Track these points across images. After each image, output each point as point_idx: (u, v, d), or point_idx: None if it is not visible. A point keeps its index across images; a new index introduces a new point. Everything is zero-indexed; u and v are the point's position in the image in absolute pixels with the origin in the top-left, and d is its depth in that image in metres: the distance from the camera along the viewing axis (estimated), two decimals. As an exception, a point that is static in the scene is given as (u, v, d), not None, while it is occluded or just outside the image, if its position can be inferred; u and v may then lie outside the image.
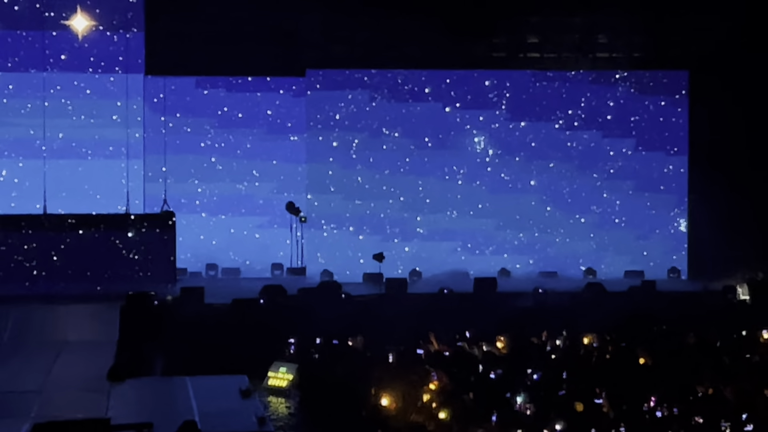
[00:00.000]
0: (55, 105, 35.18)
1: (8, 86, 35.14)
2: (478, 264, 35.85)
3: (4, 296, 30.79)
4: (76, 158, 35.14)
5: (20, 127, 35.02)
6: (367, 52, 36.00)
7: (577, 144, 37.18)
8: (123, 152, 35.42)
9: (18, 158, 34.95)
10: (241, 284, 33.49)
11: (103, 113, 35.36)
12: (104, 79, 35.56)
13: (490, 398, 21.24)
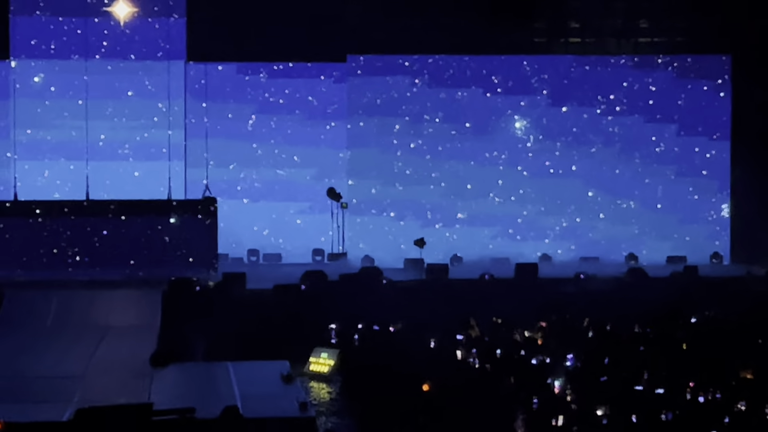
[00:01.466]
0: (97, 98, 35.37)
1: (50, 88, 35.32)
2: (519, 249, 35.81)
3: (48, 281, 31.03)
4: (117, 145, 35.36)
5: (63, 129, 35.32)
6: (408, 37, 35.94)
7: (619, 129, 37.08)
8: (165, 139, 35.59)
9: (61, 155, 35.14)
10: (283, 270, 33.56)
11: (144, 101, 35.52)
12: (146, 66, 35.70)
13: (530, 383, 21.26)
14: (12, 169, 35.17)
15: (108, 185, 34.88)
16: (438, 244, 35.55)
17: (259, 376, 23.33)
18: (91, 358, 25.15)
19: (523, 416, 19.21)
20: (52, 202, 33.42)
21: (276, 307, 28.77)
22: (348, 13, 35.13)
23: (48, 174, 34.97)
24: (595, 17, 37.41)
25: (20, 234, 32.55)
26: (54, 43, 35.44)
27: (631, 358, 23.52)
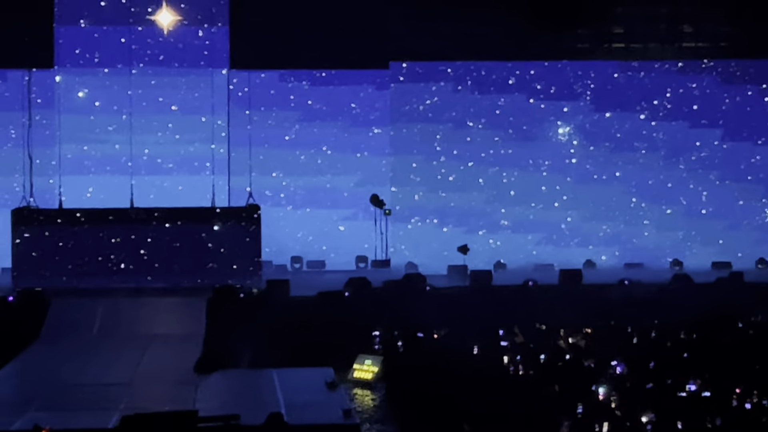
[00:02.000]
0: (141, 112, 35.59)
1: (94, 103, 35.52)
2: (563, 256, 35.77)
3: (93, 289, 31.19)
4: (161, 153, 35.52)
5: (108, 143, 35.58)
6: (450, 43, 35.97)
7: (663, 134, 37.00)
8: (208, 146, 35.74)
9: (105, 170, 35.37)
10: (326, 277, 33.64)
11: (188, 115, 35.72)
12: (189, 80, 35.88)
13: (575, 390, 21.22)
14: (57, 178, 35.37)
15: (152, 199, 34.96)
16: (481, 250, 35.56)
17: (303, 383, 23.39)
18: (136, 366, 25.29)
19: (567, 423, 19.18)
20: (96, 210, 33.59)
21: (320, 313, 28.80)
22: (390, 20, 35.21)
23: (92, 190, 34.97)
24: (638, 23, 37.32)
25: (65, 242, 32.74)
26: (98, 52, 35.66)
27: (676, 364, 23.47)
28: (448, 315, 28.05)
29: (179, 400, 21.70)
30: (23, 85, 35.71)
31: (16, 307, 29.58)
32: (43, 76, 35.73)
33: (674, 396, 20.95)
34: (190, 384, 23.59)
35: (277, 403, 21.45)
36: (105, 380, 23.97)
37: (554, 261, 35.32)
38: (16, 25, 34.81)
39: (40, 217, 33.22)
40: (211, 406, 20.92)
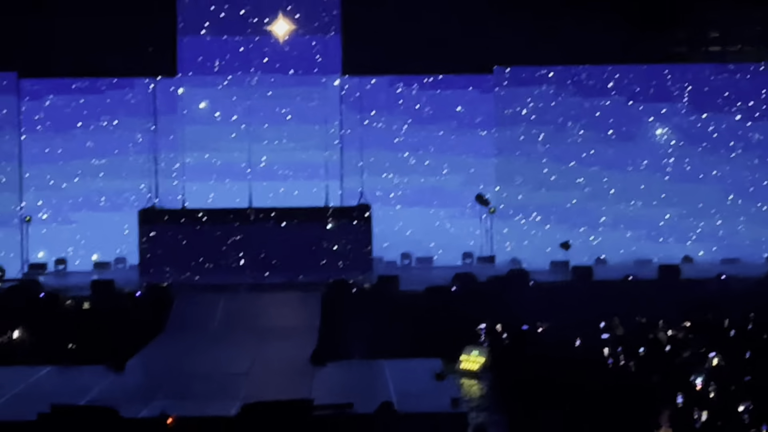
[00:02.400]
0: (259, 122, 35.86)
1: (215, 114, 35.85)
2: (661, 251, 35.47)
3: (214, 285, 31.47)
4: (278, 160, 35.77)
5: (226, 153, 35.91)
6: (551, 48, 35.81)
7: (759, 135, 36.57)
8: (322, 149, 35.93)
9: (225, 176, 35.73)
10: (434, 272, 33.64)
11: (302, 125, 35.97)
12: (303, 91, 36.09)
13: (674, 381, 21.08)
14: (180, 181, 35.78)
15: (269, 202, 35.24)
16: (582, 246, 35.38)
17: (412, 374, 23.43)
18: (255, 357, 25.47)
19: (666, 412, 19.07)
20: (217, 210, 33.92)
21: (428, 307, 28.85)
22: (494, 27, 35.12)
23: (213, 195, 35.28)
24: (733, 26, 36.98)
25: (188, 240, 33.10)
26: (218, 60, 36.01)
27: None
28: (551, 308, 27.94)
29: (296, 390, 21.83)
30: (148, 93, 36.15)
31: (143, 302, 29.93)
32: (167, 83, 36.14)
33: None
34: (306, 374, 23.73)
35: (388, 392, 21.51)
36: (226, 370, 24.18)
37: (653, 256, 35.03)
38: (141, 35, 35.25)
39: (164, 217, 33.62)
40: (325, 395, 21.02)
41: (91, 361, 24.92)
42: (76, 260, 35.54)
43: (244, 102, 35.94)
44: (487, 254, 36.00)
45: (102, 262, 35.42)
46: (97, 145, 36.10)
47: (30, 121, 36.00)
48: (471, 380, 24.47)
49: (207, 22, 35.93)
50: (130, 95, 36.17)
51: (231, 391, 21.88)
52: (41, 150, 36.00)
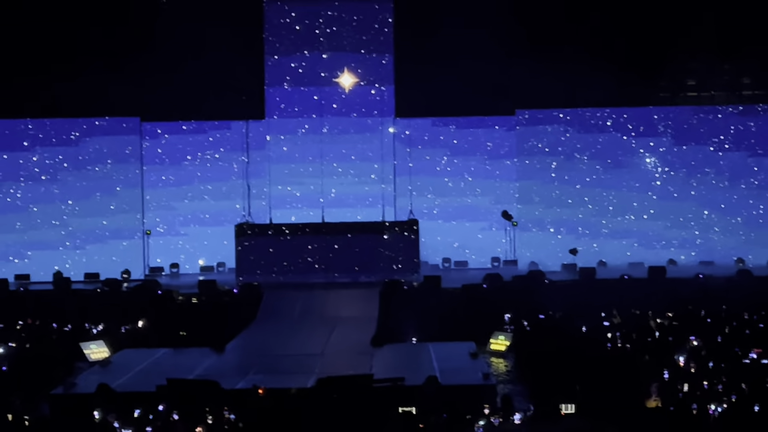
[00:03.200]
0: (330, 161, 35.90)
1: (294, 154, 35.89)
2: (651, 256, 35.12)
3: (295, 284, 31.53)
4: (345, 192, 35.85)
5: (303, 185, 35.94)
6: (562, 94, 35.72)
7: (727, 162, 36.22)
8: (379, 186, 35.92)
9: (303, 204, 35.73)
10: (469, 273, 33.53)
11: (364, 163, 36.01)
12: (364, 122, 36.13)
13: (661, 359, 20.90)
14: (267, 201, 35.89)
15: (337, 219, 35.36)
16: (587, 252, 35.11)
17: (452, 354, 23.40)
18: (327, 341, 25.54)
19: (656, 385, 18.91)
20: (297, 224, 33.95)
21: (464, 301, 28.81)
22: (516, 78, 35.02)
23: (294, 218, 35.26)
24: (708, 76, 36.72)
25: (274, 248, 33.11)
26: (297, 107, 36.09)
27: (740, 338, 23.00)
28: (562, 302, 27.85)
29: (359, 366, 21.86)
30: (242, 132, 36.28)
31: (239, 297, 30.06)
32: (257, 125, 36.26)
33: (739, 362, 20.52)
34: (367, 354, 23.77)
35: (432, 368, 21.49)
36: (304, 352, 24.27)
37: (644, 260, 34.72)
38: (237, 87, 35.46)
39: (255, 230, 33.62)
40: (382, 370, 21.05)
41: (198, 344, 25.08)
42: (186, 265, 35.68)
43: (317, 145, 35.97)
44: (511, 258, 35.82)
45: (206, 266, 35.59)
46: (202, 174, 36.25)
47: (150, 156, 36.21)
48: (498, 359, 24.42)
49: (288, 76, 36.03)
50: (228, 134, 36.30)
51: (308, 368, 21.95)
52: (158, 178, 36.20)
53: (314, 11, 35.86)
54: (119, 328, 27.23)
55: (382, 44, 35.96)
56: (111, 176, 35.94)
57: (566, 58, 34.19)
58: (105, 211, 35.85)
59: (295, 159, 35.94)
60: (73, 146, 35.93)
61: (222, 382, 19.72)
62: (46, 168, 35.88)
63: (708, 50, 35.30)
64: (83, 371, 22.69)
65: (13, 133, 35.85)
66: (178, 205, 36.13)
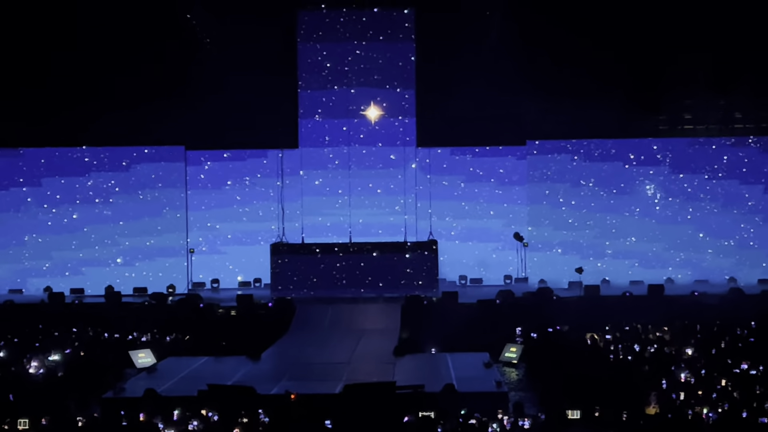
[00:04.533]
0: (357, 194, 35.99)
1: (326, 188, 35.94)
2: (650, 275, 35.01)
3: (325, 298, 31.55)
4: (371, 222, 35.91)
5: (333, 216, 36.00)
6: (569, 126, 35.74)
7: (721, 189, 36.09)
8: (402, 199, 35.97)
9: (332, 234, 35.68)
10: (483, 290, 33.47)
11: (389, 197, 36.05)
12: (388, 152, 36.19)
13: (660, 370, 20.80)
14: (300, 223, 35.93)
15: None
16: (592, 271, 34.97)
17: (467, 363, 23.35)
18: (353, 351, 25.51)
19: (655, 393, 18.83)
20: (327, 243, 34.04)
21: (479, 315, 28.75)
22: (527, 112, 35.11)
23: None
24: (703, 111, 36.66)
25: (306, 266, 33.21)
26: (328, 137, 36.21)
27: (732, 351, 22.87)
28: (569, 316, 27.77)
29: (383, 374, 21.86)
30: (278, 159, 36.40)
31: (273, 310, 30.09)
32: (291, 153, 36.38)
33: (731, 373, 20.41)
34: (390, 363, 23.72)
35: (450, 376, 21.45)
36: (333, 360, 24.24)
37: (644, 279, 34.61)
38: (273, 119, 35.64)
39: (289, 249, 33.75)
40: (404, 378, 20.99)
41: (236, 353, 25.11)
42: (226, 280, 35.78)
43: (346, 179, 36.03)
44: (522, 276, 35.77)
45: (244, 281, 35.66)
46: (241, 198, 36.38)
47: (193, 181, 36.37)
48: (510, 368, 24.34)
49: (320, 109, 36.16)
50: (264, 161, 36.42)
51: (336, 375, 21.93)
52: (201, 201, 36.35)
53: (343, 50, 36.02)
54: (165, 337, 27.32)
55: (404, 80, 36.06)
56: (158, 200, 36.13)
57: (573, 93, 34.22)
58: (152, 231, 36.03)
59: (326, 192, 36.00)
60: (124, 172, 36.16)
61: (257, 387, 19.75)
62: (99, 192, 36.12)
63: (704, 87, 35.26)
64: (131, 377, 22.76)
65: (70, 160, 36.12)
66: (219, 226, 36.27)
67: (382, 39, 35.91)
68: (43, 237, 35.89)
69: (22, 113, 34.83)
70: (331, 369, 22.88)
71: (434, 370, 22.61)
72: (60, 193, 36.05)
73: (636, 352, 23.50)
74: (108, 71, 34.36)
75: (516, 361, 24.66)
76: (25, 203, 35.98)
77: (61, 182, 36.05)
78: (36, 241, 35.89)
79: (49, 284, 34.86)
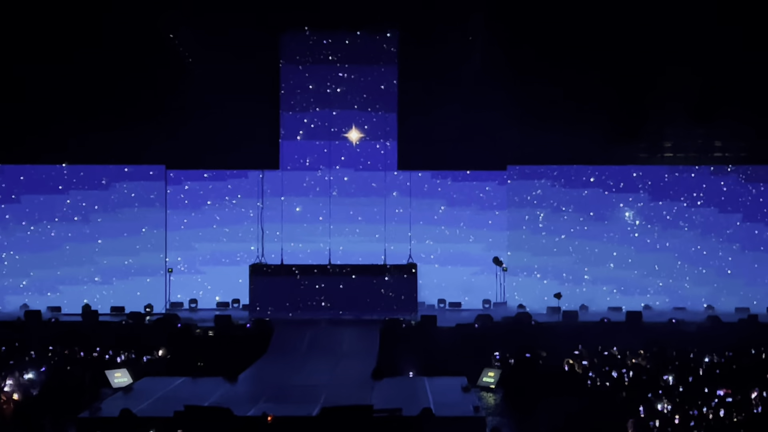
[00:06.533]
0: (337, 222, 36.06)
1: (306, 215, 35.94)
2: (628, 301, 35.18)
3: (303, 320, 31.51)
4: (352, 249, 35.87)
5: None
6: (549, 152, 35.88)
7: (699, 217, 36.34)
8: (382, 245, 35.91)
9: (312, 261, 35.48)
10: (462, 314, 33.51)
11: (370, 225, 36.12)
12: (369, 175, 36.23)
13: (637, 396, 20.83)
14: (279, 245, 35.88)
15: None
16: (571, 296, 35.06)
17: (445, 387, 23.30)
18: (331, 373, 25.45)
19: (632, 420, 18.85)
20: (306, 265, 34.00)
21: (457, 339, 28.73)
22: (507, 137, 35.27)
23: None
24: (682, 139, 36.93)
25: (285, 287, 33.18)
26: (308, 158, 36.24)
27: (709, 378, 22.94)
28: (547, 342, 27.79)
29: (360, 398, 21.77)
30: (258, 180, 36.40)
31: (252, 331, 30.00)
32: (272, 174, 36.37)
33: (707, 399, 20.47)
34: (367, 386, 23.65)
35: (427, 400, 21.40)
36: (310, 382, 24.16)
37: (622, 305, 34.76)
38: (254, 139, 35.63)
39: (268, 270, 33.71)
40: (381, 402, 20.93)
41: (213, 374, 25.00)
42: (204, 300, 35.67)
43: (326, 207, 36.05)
44: (501, 301, 35.81)
45: (222, 302, 35.56)
46: (221, 218, 36.34)
47: (173, 201, 36.32)
48: (488, 393, 24.32)
49: (301, 130, 36.22)
50: (245, 182, 36.41)
51: (314, 398, 21.81)
52: (180, 221, 36.29)
53: (326, 72, 36.12)
54: (141, 357, 27.19)
55: (386, 103, 36.18)
56: (137, 218, 36.05)
57: (554, 119, 34.40)
58: (131, 251, 35.91)
59: (307, 219, 35.99)
60: (103, 190, 36.07)
61: (234, 409, 19.65)
62: (78, 210, 36.01)
63: (684, 115, 35.51)
64: (108, 397, 22.62)
65: (49, 178, 36.01)
66: (198, 246, 36.19)
67: (364, 62, 36.03)
68: (20, 254, 35.71)
69: (1, 130, 34.68)
70: (309, 391, 22.77)
71: (412, 394, 22.53)
72: (38, 210, 35.90)
73: (614, 378, 23.53)
74: (89, 89, 34.33)
75: (494, 385, 24.64)
76: (2, 220, 35.82)
77: (40, 199, 35.90)
78: (13, 258, 35.70)
79: (26, 302, 34.67)
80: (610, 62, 34.50)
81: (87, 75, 34.26)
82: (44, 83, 34.07)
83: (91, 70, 34.23)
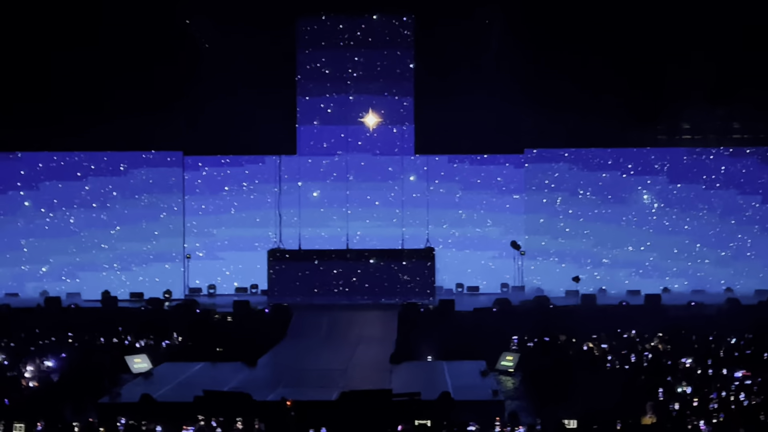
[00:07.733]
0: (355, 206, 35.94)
1: (323, 200, 35.89)
2: (647, 284, 35.03)
3: (321, 305, 31.59)
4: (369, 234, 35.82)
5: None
6: (567, 135, 35.74)
7: (718, 199, 36.14)
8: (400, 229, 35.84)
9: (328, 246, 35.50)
10: (480, 298, 33.54)
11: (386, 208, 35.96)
12: (386, 160, 36.18)
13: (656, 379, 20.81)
14: (298, 230, 35.90)
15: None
16: (589, 280, 35.04)
17: (464, 371, 23.35)
18: (350, 358, 25.51)
19: (651, 404, 18.83)
20: (324, 250, 34.04)
21: (475, 323, 28.75)
22: (525, 120, 35.15)
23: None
24: (700, 121, 36.71)
25: (303, 272, 33.26)
26: (325, 143, 36.19)
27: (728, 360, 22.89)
28: (565, 325, 27.77)
29: (379, 382, 21.85)
30: (276, 166, 36.38)
31: (270, 316, 30.11)
32: (289, 159, 36.34)
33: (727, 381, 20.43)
34: (386, 371, 23.74)
35: (446, 384, 21.46)
36: (329, 367, 24.24)
37: (641, 288, 34.62)
38: (271, 125, 35.57)
39: (286, 256, 33.77)
40: (400, 386, 21.00)
41: (232, 359, 25.10)
42: (223, 286, 35.77)
43: (344, 192, 35.99)
44: (518, 284, 35.76)
45: (241, 287, 35.62)
46: (238, 203, 36.36)
47: (191, 186, 36.36)
48: (506, 377, 24.34)
49: (318, 115, 36.18)
50: (262, 167, 36.40)
51: (332, 382, 21.93)
52: (199, 206, 36.34)
53: (342, 57, 36.05)
54: (161, 343, 27.31)
55: (403, 87, 36.08)
56: (156, 205, 36.12)
57: (572, 102, 34.26)
58: (150, 237, 36.02)
59: (324, 204, 35.95)
60: (121, 177, 36.17)
61: (253, 394, 19.74)
62: (97, 196, 36.11)
63: (702, 98, 35.28)
64: (128, 382, 22.75)
65: (68, 165, 36.11)
66: (216, 232, 36.24)
67: (381, 46, 35.95)
68: (40, 241, 35.87)
69: (20, 117, 34.81)
70: (328, 376, 22.87)
71: (431, 378, 22.60)
72: (57, 197, 36.03)
73: (632, 361, 23.50)
74: (107, 76, 34.38)
75: (512, 369, 24.64)
76: (22, 207, 35.96)
77: (59, 186, 36.02)
78: (33, 245, 35.87)
79: (45, 288, 34.85)
80: (627, 45, 34.23)
81: (105, 63, 34.31)
82: (63, 71, 34.12)
83: (109, 58, 34.28)
